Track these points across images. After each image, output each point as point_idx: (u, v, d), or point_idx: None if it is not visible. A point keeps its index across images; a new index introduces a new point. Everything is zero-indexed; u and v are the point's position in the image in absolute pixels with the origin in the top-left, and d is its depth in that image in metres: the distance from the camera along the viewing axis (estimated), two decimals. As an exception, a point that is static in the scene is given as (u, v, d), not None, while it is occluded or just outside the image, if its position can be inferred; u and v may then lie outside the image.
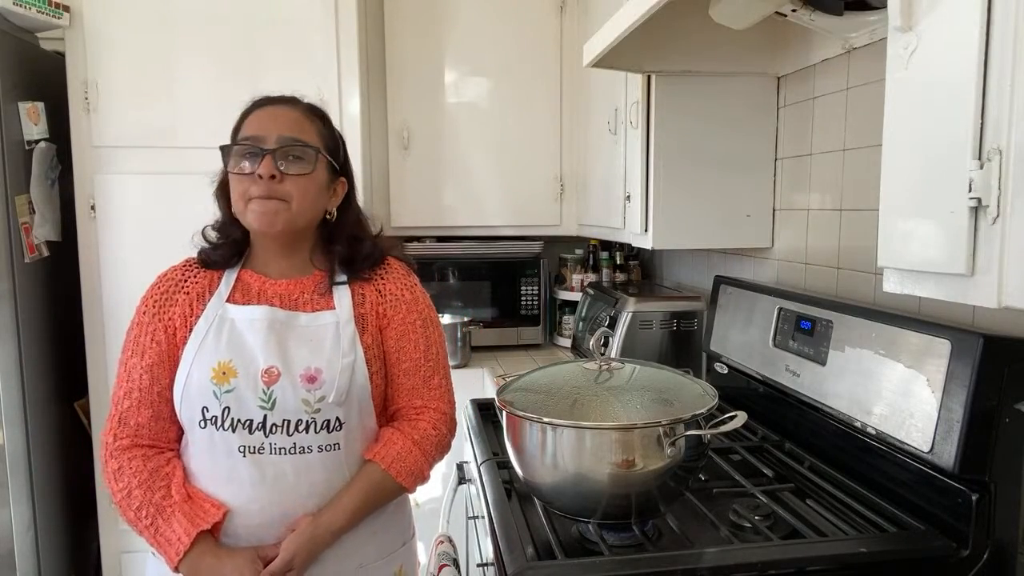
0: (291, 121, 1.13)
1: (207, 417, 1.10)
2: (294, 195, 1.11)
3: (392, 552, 1.23)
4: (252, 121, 1.14)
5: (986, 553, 1.00)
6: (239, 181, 1.11)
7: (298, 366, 1.11)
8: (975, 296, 0.69)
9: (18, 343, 2.00)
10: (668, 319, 1.98)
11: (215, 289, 1.17)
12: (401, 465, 1.16)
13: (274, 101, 1.17)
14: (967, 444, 0.98)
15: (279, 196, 1.10)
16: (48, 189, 2.13)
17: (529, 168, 2.62)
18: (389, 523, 1.22)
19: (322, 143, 1.16)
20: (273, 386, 1.09)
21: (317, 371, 1.11)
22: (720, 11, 1.29)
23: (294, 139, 1.12)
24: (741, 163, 1.75)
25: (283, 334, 1.12)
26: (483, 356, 2.55)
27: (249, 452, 1.09)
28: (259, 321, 1.12)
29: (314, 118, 1.18)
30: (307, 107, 1.19)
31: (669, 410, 1.04)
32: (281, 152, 1.10)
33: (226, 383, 1.09)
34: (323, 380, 1.11)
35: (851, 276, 1.46)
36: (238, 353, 1.11)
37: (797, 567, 0.97)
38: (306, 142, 1.13)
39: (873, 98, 1.38)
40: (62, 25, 2.06)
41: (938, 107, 0.72)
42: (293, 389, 1.10)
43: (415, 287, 1.25)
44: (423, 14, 2.54)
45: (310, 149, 1.13)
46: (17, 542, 1.98)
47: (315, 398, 1.10)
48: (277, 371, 1.10)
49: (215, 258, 1.19)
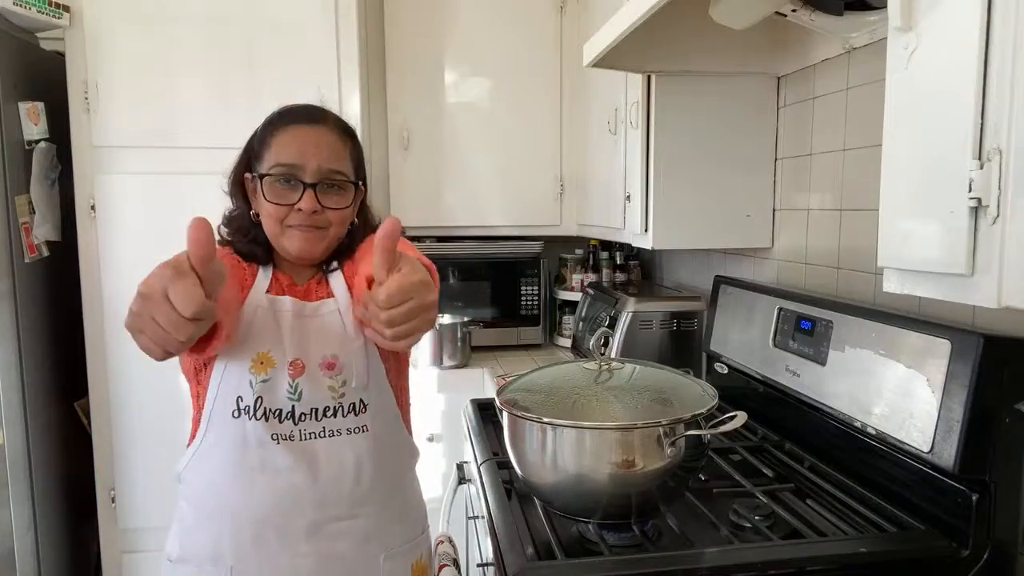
0: (329, 149, 1.12)
1: (241, 407, 1.10)
2: (332, 223, 1.13)
3: (413, 539, 1.24)
4: (287, 143, 1.11)
5: (986, 553, 1.00)
6: (275, 208, 1.11)
7: (316, 356, 1.13)
8: (975, 296, 0.69)
9: (18, 343, 2.00)
10: (668, 319, 1.98)
11: (254, 282, 1.16)
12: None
13: (308, 118, 1.15)
14: (967, 444, 0.98)
15: (320, 225, 1.12)
16: (48, 189, 2.13)
17: (529, 168, 2.63)
18: (409, 510, 1.24)
19: (354, 167, 1.17)
20: (299, 379, 1.11)
21: (334, 357, 1.13)
22: (720, 11, 1.29)
23: (333, 171, 1.12)
24: (741, 163, 1.76)
25: (299, 326, 1.14)
26: (483, 356, 2.55)
27: (282, 439, 1.10)
28: (286, 313, 1.13)
29: (347, 139, 1.17)
30: (340, 127, 1.18)
31: (669, 410, 1.04)
32: (321, 186, 1.11)
33: (263, 372, 1.10)
34: (342, 364, 1.13)
35: (851, 276, 1.46)
36: (275, 344, 1.12)
37: (797, 567, 0.97)
38: (345, 174, 1.14)
39: (873, 98, 1.38)
40: (62, 25, 2.07)
41: (938, 107, 0.72)
42: (317, 379, 1.11)
43: None
44: (423, 14, 2.54)
45: (350, 183, 1.14)
46: (17, 542, 1.98)
47: (339, 383, 1.12)
48: (302, 364, 1.12)
49: (256, 252, 1.17)
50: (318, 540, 1.13)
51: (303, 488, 1.11)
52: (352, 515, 1.15)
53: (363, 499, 1.16)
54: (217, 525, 1.12)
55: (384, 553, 1.18)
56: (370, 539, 1.17)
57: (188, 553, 1.14)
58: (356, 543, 1.15)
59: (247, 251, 1.17)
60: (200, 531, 1.13)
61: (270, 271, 1.18)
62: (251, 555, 1.11)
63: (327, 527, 1.13)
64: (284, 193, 1.11)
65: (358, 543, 1.15)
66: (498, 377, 2.24)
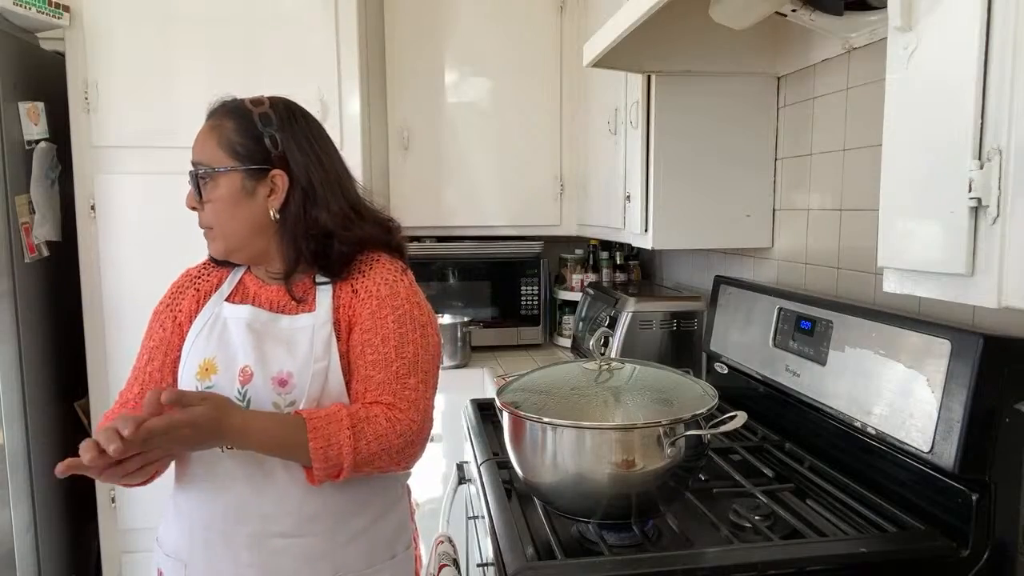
0: (198, 144, 1.13)
1: None
2: (213, 222, 1.13)
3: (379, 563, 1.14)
4: None
5: (986, 553, 1.00)
6: None
7: (271, 368, 1.09)
8: (975, 296, 0.69)
9: (18, 343, 2.00)
10: (668, 319, 1.98)
11: (218, 289, 1.19)
12: (320, 426, 1.00)
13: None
14: (967, 444, 0.98)
15: (205, 225, 1.14)
16: (48, 189, 2.13)
17: (529, 168, 2.62)
18: (377, 532, 1.14)
19: (227, 150, 1.09)
20: (247, 386, 1.09)
21: (288, 375, 1.08)
22: (720, 11, 1.29)
23: (195, 162, 1.12)
24: (741, 163, 1.76)
25: (262, 335, 1.11)
26: (483, 356, 2.55)
27: (227, 448, 1.07)
28: (241, 320, 1.13)
29: (223, 122, 1.11)
30: (223, 111, 1.13)
31: (669, 410, 1.04)
32: (193, 182, 1.12)
33: (207, 379, 1.10)
34: (293, 384, 1.08)
35: (851, 276, 1.46)
36: (223, 351, 1.11)
37: (797, 567, 0.97)
38: (202, 162, 1.11)
39: (873, 98, 1.38)
40: (62, 25, 2.06)
41: (938, 107, 0.72)
42: (265, 391, 1.08)
43: (397, 283, 1.14)
44: (423, 14, 2.54)
45: (207, 169, 1.11)
46: (17, 542, 1.98)
47: (285, 402, 1.08)
48: (251, 371, 1.09)
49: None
50: (260, 552, 1.08)
51: (248, 499, 1.08)
52: (298, 533, 1.08)
53: (313, 517, 1.08)
54: (180, 523, 1.13)
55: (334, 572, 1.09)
56: (317, 559, 1.08)
57: (163, 540, 1.17)
58: (301, 561, 1.08)
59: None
60: (171, 524, 1.15)
61: (239, 275, 1.20)
62: (201, 557, 1.10)
63: (270, 541, 1.08)
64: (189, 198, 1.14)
65: (303, 561, 1.08)
66: (498, 377, 2.24)
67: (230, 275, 1.20)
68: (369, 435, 1.03)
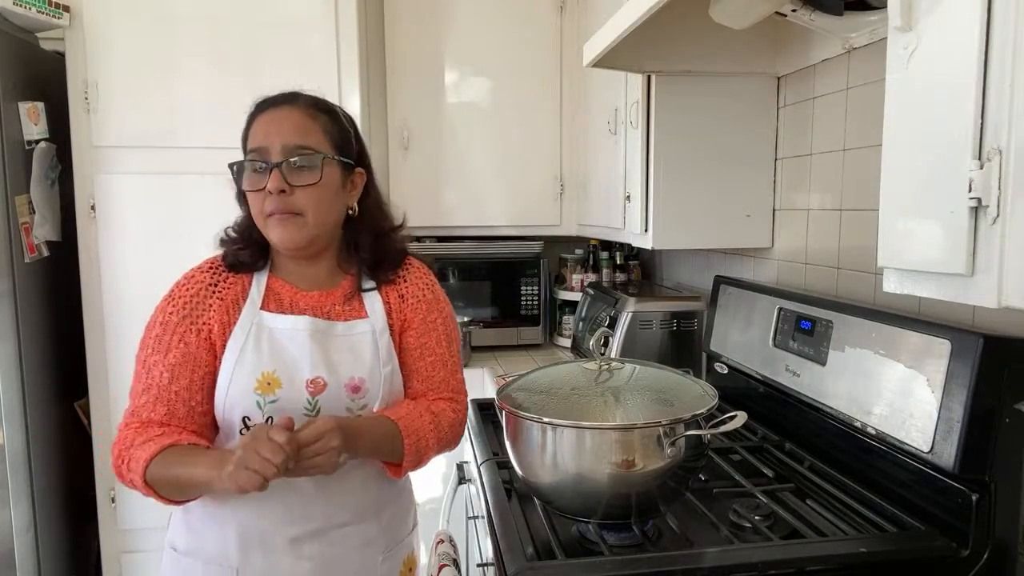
0: (293, 126, 1.09)
1: (249, 425, 1.09)
2: (308, 208, 1.08)
3: (406, 537, 1.25)
4: (256, 130, 1.10)
5: (986, 553, 1.00)
6: (253, 197, 1.09)
7: (343, 376, 1.12)
8: (975, 296, 0.69)
9: (18, 343, 2.00)
10: (668, 319, 1.98)
11: (247, 295, 1.14)
12: (409, 424, 1.12)
13: (275, 103, 1.12)
14: (967, 444, 0.98)
15: (294, 210, 1.08)
16: (48, 189, 2.13)
17: (529, 168, 2.62)
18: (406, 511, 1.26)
19: (329, 141, 1.12)
20: (319, 396, 1.10)
21: (361, 380, 1.13)
22: (720, 11, 1.29)
23: (298, 146, 1.08)
24: (741, 163, 1.75)
25: (325, 344, 1.12)
26: (483, 356, 2.55)
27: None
28: (302, 332, 1.12)
29: (318, 114, 1.12)
30: (310, 103, 1.13)
31: (669, 410, 1.04)
32: (287, 164, 1.07)
33: (271, 393, 1.09)
34: (366, 389, 1.13)
35: (851, 276, 1.46)
36: (281, 364, 1.10)
37: (797, 567, 0.97)
38: (310, 147, 1.09)
39: (873, 98, 1.38)
40: (62, 25, 2.06)
41: (938, 107, 0.72)
42: (339, 399, 1.11)
43: (435, 285, 1.26)
44: (423, 14, 2.54)
45: (316, 155, 1.09)
46: (17, 542, 1.98)
47: (358, 406, 1.12)
48: (323, 381, 1.10)
49: (243, 259, 1.15)
50: (322, 544, 1.13)
51: (312, 498, 1.11)
52: (357, 521, 1.16)
53: (368, 506, 1.17)
54: (226, 528, 1.12)
55: (382, 555, 1.19)
56: (371, 542, 1.17)
57: (195, 549, 1.14)
58: (358, 546, 1.16)
59: (240, 258, 1.15)
60: (208, 531, 1.13)
61: (264, 281, 1.15)
62: (258, 559, 1.11)
63: (330, 533, 1.13)
64: (256, 179, 1.08)
65: (360, 546, 1.16)
66: (498, 377, 2.24)
67: (254, 281, 1.15)
68: (444, 427, 1.18)
